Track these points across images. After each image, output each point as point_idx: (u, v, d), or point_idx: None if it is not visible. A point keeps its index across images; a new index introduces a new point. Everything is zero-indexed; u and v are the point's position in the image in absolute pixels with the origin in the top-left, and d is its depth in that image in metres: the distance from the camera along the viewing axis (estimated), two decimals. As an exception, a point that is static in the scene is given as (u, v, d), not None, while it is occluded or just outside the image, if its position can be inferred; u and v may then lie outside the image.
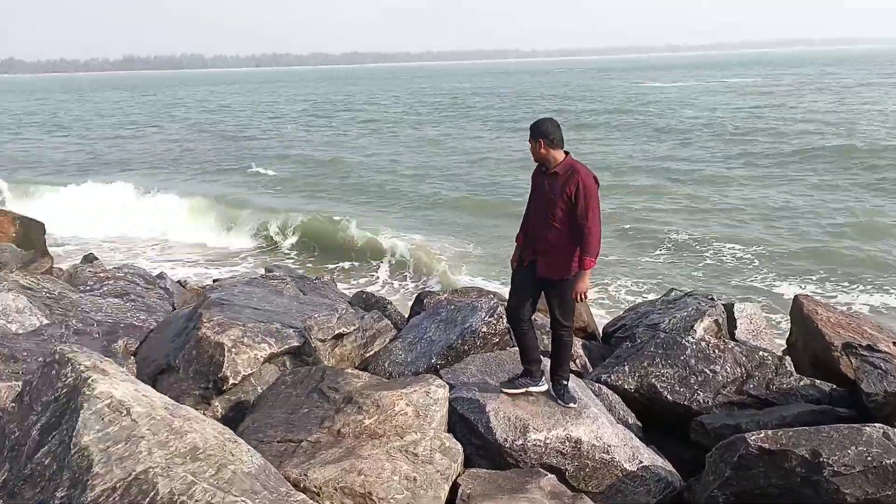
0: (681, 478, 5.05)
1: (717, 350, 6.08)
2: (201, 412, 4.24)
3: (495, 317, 6.44)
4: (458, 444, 4.66)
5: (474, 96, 72.70)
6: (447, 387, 4.96)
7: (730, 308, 7.52)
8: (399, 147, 35.06)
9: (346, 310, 6.99)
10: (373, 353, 6.72)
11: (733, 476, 4.50)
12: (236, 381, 5.52)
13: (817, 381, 6.05)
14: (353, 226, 17.61)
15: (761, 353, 6.11)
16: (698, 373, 5.93)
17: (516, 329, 5.22)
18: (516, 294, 5.13)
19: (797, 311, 6.99)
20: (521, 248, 5.15)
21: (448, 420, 4.89)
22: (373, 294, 9.34)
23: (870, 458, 4.25)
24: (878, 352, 5.84)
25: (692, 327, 6.79)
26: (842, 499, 4.23)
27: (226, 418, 5.19)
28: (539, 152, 4.87)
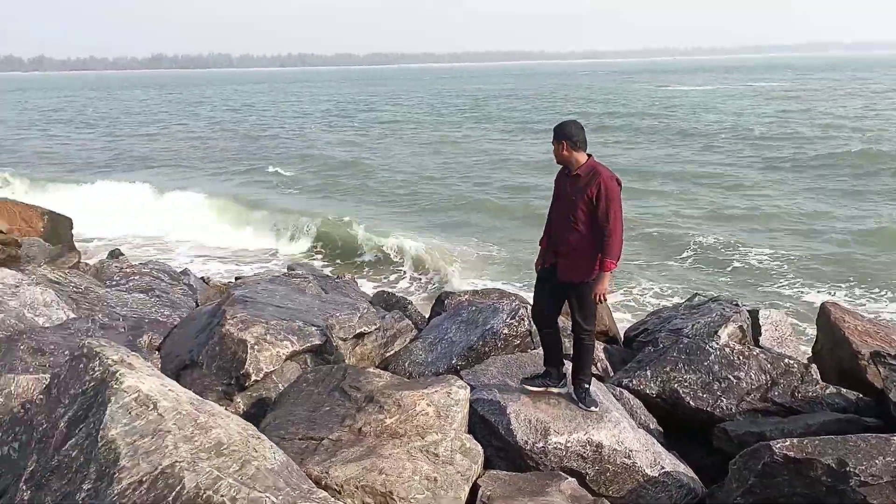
0: (702, 484, 5.00)
1: (741, 356, 6.01)
2: (224, 408, 4.28)
3: (517, 319, 6.43)
4: (478, 446, 4.66)
5: (497, 98, 72.63)
6: (468, 388, 4.96)
7: (754, 314, 7.44)
8: (420, 148, 35.08)
9: (367, 309, 7.02)
10: (393, 352, 6.74)
11: (757, 484, 4.44)
12: (258, 378, 5.57)
13: (843, 389, 5.96)
14: (371, 228, 17.64)
15: (787, 361, 6.04)
16: (722, 379, 5.87)
17: (540, 331, 5.24)
18: (539, 297, 5.16)
19: (824, 319, 6.90)
20: (544, 251, 5.15)
21: (468, 421, 4.89)
22: (393, 294, 9.36)
23: (898, 469, 4.18)
24: (907, 361, 5.73)
25: (716, 333, 6.74)
26: (868, 510, 4.16)
27: (247, 415, 5.23)
28: (562, 154, 4.86)
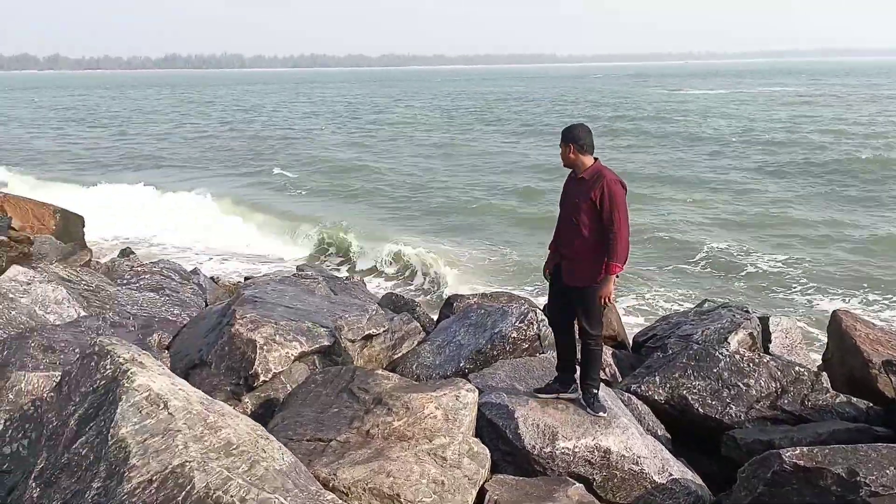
0: (710, 492, 4.98)
1: (751, 364, 5.98)
2: (232, 408, 4.29)
3: (525, 322, 6.41)
4: (485, 450, 4.65)
5: (507, 101, 72.59)
6: (476, 391, 4.96)
7: (765, 321, 7.40)
8: (429, 150, 35.09)
9: (376, 311, 7.02)
10: (401, 354, 6.74)
11: (766, 492, 4.42)
12: (267, 379, 5.58)
13: (853, 398, 5.92)
14: (378, 231, 17.63)
15: (797, 368, 6.00)
16: (731, 386, 5.84)
17: (556, 336, 5.27)
18: (551, 301, 5.20)
19: (835, 327, 6.86)
20: (552, 255, 5.15)
21: (476, 425, 4.89)
22: (402, 296, 9.37)
23: (909, 480, 4.14)
24: (919, 371, 5.70)
25: (726, 339, 6.70)
26: (878, 520, 4.13)
27: (255, 415, 5.24)
28: (569, 157, 4.88)
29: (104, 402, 3.31)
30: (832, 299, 12.77)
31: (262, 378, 5.54)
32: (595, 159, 4.87)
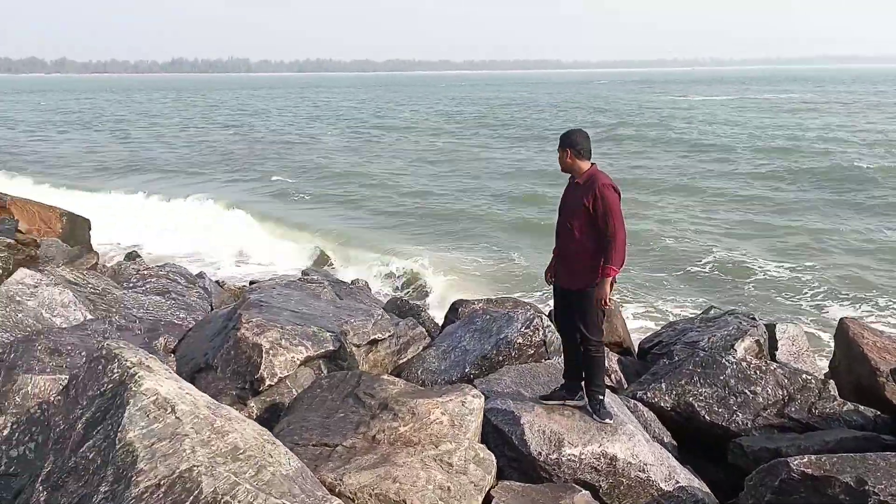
0: (717, 500, 4.96)
1: (758, 371, 5.96)
2: (238, 412, 4.29)
3: (531, 328, 6.40)
4: (491, 456, 4.64)
5: (512, 106, 72.64)
6: (483, 397, 4.95)
7: (771, 328, 7.39)
8: (433, 156, 35.02)
9: (381, 316, 7.02)
10: (406, 360, 6.73)
11: (773, 501, 4.39)
12: (272, 383, 5.58)
13: (861, 406, 5.89)
14: (382, 237, 17.60)
15: (804, 376, 5.98)
16: (738, 393, 5.82)
17: (562, 341, 5.29)
18: (555, 306, 5.20)
19: (842, 335, 6.83)
20: (554, 260, 5.18)
21: (481, 431, 4.88)
22: (407, 301, 9.35)
23: (918, 490, 4.12)
24: (927, 379, 5.67)
25: (732, 346, 6.68)
26: (886, 530, 4.10)
27: (261, 419, 5.24)
28: (566, 162, 4.94)
29: (112, 406, 3.31)
30: (839, 307, 12.71)
31: (267, 382, 5.54)
32: (592, 164, 4.91)
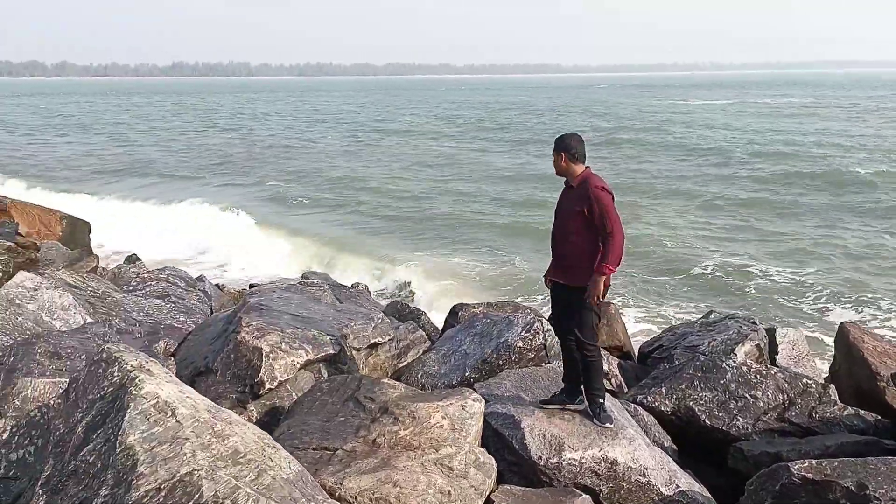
0: (717, 505, 4.95)
1: (758, 375, 5.95)
2: (238, 416, 4.28)
3: (531, 332, 6.40)
4: (492, 460, 4.63)
5: (512, 110, 72.69)
6: (483, 401, 4.94)
7: (772, 333, 7.38)
8: (432, 160, 35.00)
9: (381, 319, 7.01)
10: (406, 363, 6.73)
11: (773, 505, 4.39)
12: (272, 387, 5.57)
13: (861, 411, 5.89)
14: (380, 242, 17.58)
15: (804, 381, 5.98)
16: (738, 398, 5.81)
17: (561, 344, 5.27)
18: (553, 309, 5.21)
19: (842, 339, 6.84)
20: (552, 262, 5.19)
21: (481, 435, 4.87)
22: (407, 305, 9.36)
23: (919, 495, 4.11)
24: (927, 384, 5.67)
25: (733, 351, 6.68)
26: (887, 535, 4.09)
27: (261, 423, 5.23)
28: (560, 165, 4.99)
29: (112, 410, 3.31)
30: (840, 311, 12.72)
31: (267, 386, 5.53)
32: (586, 168, 4.94)
